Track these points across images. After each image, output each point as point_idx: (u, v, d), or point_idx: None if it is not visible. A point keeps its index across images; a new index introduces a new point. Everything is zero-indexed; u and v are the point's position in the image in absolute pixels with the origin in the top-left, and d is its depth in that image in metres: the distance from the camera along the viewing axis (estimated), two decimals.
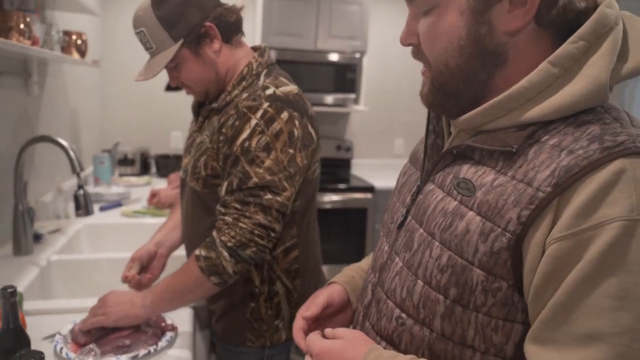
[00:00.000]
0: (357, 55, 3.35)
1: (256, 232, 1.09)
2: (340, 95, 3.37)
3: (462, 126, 0.68)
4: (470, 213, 0.62)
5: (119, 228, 2.06)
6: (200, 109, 1.30)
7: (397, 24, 3.70)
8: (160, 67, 1.17)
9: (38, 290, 1.47)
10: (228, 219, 1.11)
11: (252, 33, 3.48)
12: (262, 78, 1.20)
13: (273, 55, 3.22)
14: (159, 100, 3.28)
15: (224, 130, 1.15)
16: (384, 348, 0.69)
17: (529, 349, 0.57)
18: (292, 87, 1.20)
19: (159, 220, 2.09)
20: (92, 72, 2.85)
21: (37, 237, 1.71)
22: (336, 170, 3.66)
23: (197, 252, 1.11)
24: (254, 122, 1.12)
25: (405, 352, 0.67)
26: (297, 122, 1.15)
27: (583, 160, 0.55)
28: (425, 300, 0.65)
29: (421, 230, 0.68)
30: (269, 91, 1.15)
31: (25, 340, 0.90)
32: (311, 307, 0.83)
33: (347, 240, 3.31)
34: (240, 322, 1.24)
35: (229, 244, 1.08)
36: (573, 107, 0.59)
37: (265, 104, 1.13)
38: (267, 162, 1.11)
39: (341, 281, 0.89)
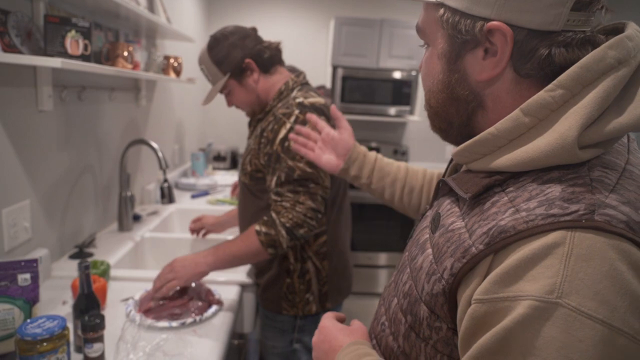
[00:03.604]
0: (414, 73, 3.23)
1: (308, 214, 1.15)
2: (398, 107, 3.28)
3: (455, 160, 0.57)
4: (429, 250, 0.54)
5: (203, 213, 2.15)
6: (252, 122, 1.38)
7: None
8: (215, 94, 1.32)
9: (131, 260, 1.58)
10: (286, 204, 1.15)
11: (325, 53, 3.47)
12: (294, 92, 1.27)
13: (341, 72, 3.20)
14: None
15: (265, 134, 1.22)
16: (374, 345, 0.65)
17: None
18: (318, 99, 1.25)
19: (236, 208, 2.16)
20: (194, 86, 3.00)
21: (137, 218, 1.83)
22: None
23: (257, 228, 1.15)
24: (288, 125, 1.18)
25: (383, 355, 0.62)
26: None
27: (522, 223, 0.43)
28: (394, 317, 0.59)
29: (407, 253, 0.61)
30: (299, 100, 1.22)
31: (95, 303, 0.96)
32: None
33: (402, 231, 3.24)
34: (278, 293, 1.29)
35: (287, 225, 1.13)
36: (535, 164, 0.46)
37: (296, 111, 1.19)
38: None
39: (358, 147, 0.93)
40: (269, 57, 1.30)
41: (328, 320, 0.70)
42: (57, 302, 1.16)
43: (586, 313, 0.39)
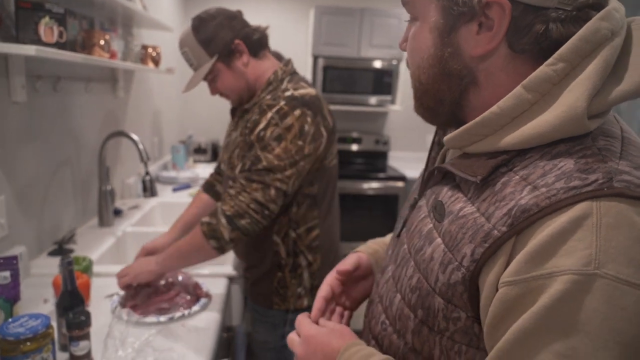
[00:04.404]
0: (395, 62, 3.23)
1: (252, 206, 1.07)
2: (379, 97, 3.28)
3: (447, 146, 0.55)
4: (438, 240, 0.51)
5: (185, 206, 2.10)
6: (236, 111, 1.32)
7: None
8: (200, 78, 1.22)
9: (113, 256, 1.54)
10: (232, 191, 1.10)
11: (305, 43, 3.44)
12: (284, 83, 1.20)
13: (322, 62, 3.17)
14: (227, 101, 3.33)
15: (248, 124, 1.17)
16: (373, 346, 0.61)
17: None
18: (309, 90, 1.19)
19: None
20: (173, 77, 2.93)
21: (118, 212, 1.78)
22: (375, 161, 3.58)
23: (203, 218, 1.10)
24: (269, 115, 1.12)
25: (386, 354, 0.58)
26: (309, 119, 1.13)
27: (544, 200, 0.42)
28: (400, 313, 0.56)
29: (405, 246, 0.58)
30: (288, 93, 1.15)
31: (79, 300, 0.93)
32: (345, 264, 0.73)
33: (383, 221, 3.26)
34: (269, 288, 1.25)
35: (228, 213, 1.07)
36: (543, 139, 0.45)
37: (282, 102, 1.13)
38: (277, 150, 1.10)
39: (366, 252, 0.78)
40: (257, 40, 1.23)
41: (309, 326, 0.63)
42: (37, 300, 1.12)
43: (625, 280, 0.38)
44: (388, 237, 0.84)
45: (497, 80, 0.50)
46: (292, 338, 0.65)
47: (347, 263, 0.73)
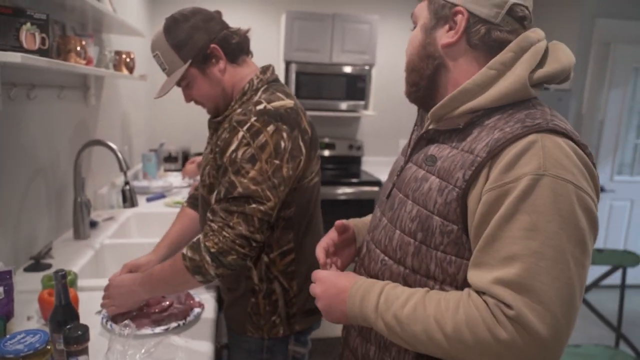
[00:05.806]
0: (367, 68, 3.31)
1: (237, 241, 1.01)
2: (352, 102, 3.35)
3: (431, 117, 0.79)
4: (432, 177, 0.74)
5: (162, 216, 2.09)
6: (210, 122, 1.23)
7: (401, 40, 3.64)
8: (172, 84, 1.15)
9: (93, 269, 1.50)
10: (214, 226, 1.02)
11: (277, 49, 3.47)
12: (259, 94, 1.12)
13: (294, 67, 3.20)
14: (198, 107, 3.30)
15: (219, 142, 1.10)
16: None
17: (469, 272, 0.68)
18: (286, 102, 1.10)
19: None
20: (142, 84, 2.88)
21: (93, 224, 1.74)
22: (348, 167, 3.65)
23: (184, 251, 1.04)
24: (240, 134, 1.04)
25: None
26: (284, 135, 1.06)
27: (509, 134, 0.67)
28: (400, 244, 0.77)
29: (400, 195, 0.80)
30: (260, 106, 1.07)
31: (74, 314, 0.91)
32: (340, 221, 0.94)
33: None
34: (242, 314, 1.18)
35: (212, 250, 1.01)
36: (503, 99, 0.71)
37: (253, 118, 1.05)
38: (252, 173, 1.02)
39: (351, 222, 0.98)
40: (236, 44, 1.15)
41: (322, 272, 0.83)
42: (20, 318, 1.08)
43: (561, 177, 0.63)
44: (364, 218, 1.04)
45: (460, 66, 0.77)
46: (312, 286, 0.83)
47: (341, 221, 0.94)
